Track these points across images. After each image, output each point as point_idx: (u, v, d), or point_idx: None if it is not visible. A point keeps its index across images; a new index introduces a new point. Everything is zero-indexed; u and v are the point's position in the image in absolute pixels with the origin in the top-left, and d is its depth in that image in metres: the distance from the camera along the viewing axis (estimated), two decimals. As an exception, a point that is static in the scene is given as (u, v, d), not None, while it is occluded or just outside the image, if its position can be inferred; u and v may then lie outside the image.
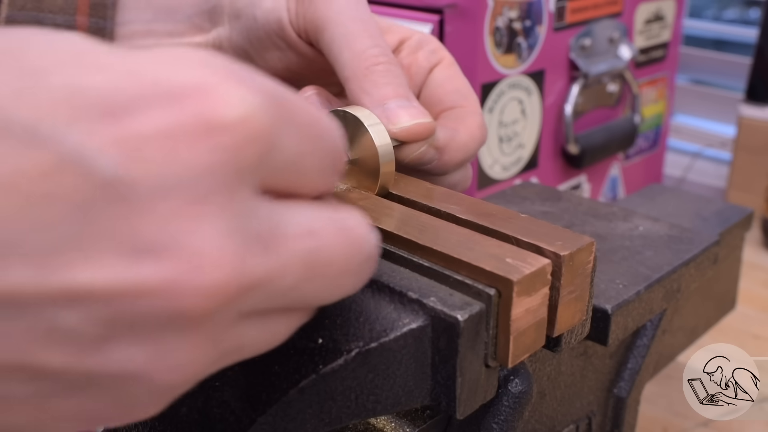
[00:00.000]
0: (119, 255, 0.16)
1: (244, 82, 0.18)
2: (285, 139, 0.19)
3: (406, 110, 0.32)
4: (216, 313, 0.17)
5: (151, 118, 0.17)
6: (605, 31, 0.73)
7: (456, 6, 0.60)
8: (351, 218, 0.21)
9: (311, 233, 0.20)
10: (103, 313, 0.16)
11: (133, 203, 0.16)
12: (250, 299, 0.18)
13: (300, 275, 0.19)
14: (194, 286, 0.17)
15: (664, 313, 0.38)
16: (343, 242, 0.20)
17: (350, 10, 0.34)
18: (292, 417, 0.24)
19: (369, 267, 0.22)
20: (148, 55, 0.18)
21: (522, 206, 0.42)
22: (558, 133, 0.72)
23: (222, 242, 0.17)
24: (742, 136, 0.87)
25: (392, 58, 0.34)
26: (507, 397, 0.29)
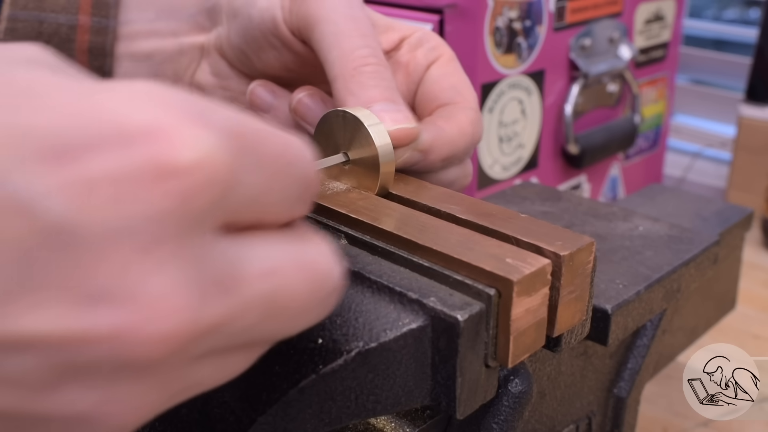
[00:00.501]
0: (67, 302, 0.16)
1: (202, 122, 0.17)
2: (247, 176, 0.18)
3: (390, 114, 0.31)
4: (168, 359, 0.17)
5: (100, 161, 0.16)
6: (605, 31, 0.73)
7: (456, 6, 0.60)
8: (315, 251, 0.21)
9: (271, 272, 0.19)
10: (51, 360, 0.16)
11: (81, 249, 0.16)
12: (204, 343, 0.18)
13: (259, 315, 0.19)
14: (145, 334, 0.16)
15: (664, 313, 0.38)
16: (305, 279, 0.20)
17: (342, 7, 0.34)
18: (292, 417, 0.24)
19: (332, 300, 0.21)
20: (104, 92, 0.17)
21: (522, 206, 0.42)
22: (558, 133, 0.72)
23: (174, 290, 0.16)
24: (742, 136, 0.87)
25: (381, 60, 0.33)
26: (507, 397, 0.29)
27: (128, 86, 0.17)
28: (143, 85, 0.18)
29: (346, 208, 0.29)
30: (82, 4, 0.39)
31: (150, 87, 0.18)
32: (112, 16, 0.40)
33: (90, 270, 0.16)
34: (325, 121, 0.32)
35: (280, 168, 0.20)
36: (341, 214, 0.29)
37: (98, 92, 0.17)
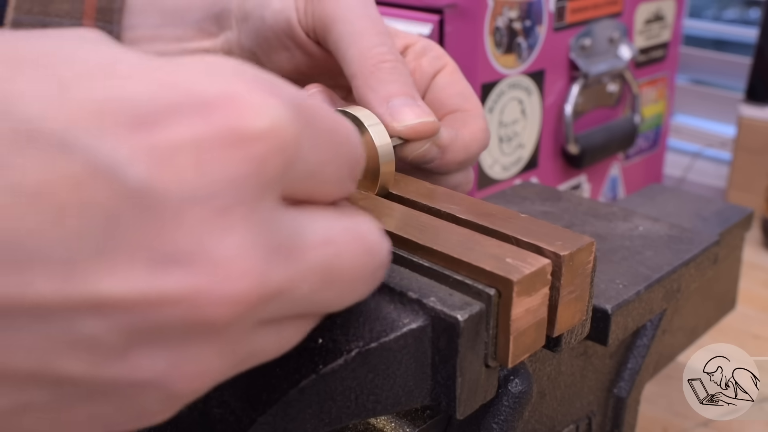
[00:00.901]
0: (144, 265, 0.16)
1: (272, 92, 0.18)
2: (308, 149, 0.19)
3: (411, 108, 0.32)
4: (237, 321, 0.18)
5: (180, 128, 0.17)
6: (605, 31, 0.73)
7: (456, 6, 0.60)
8: (366, 225, 0.22)
9: (329, 242, 0.20)
10: (126, 322, 0.16)
11: (160, 213, 0.16)
12: (269, 308, 0.18)
13: (317, 283, 0.20)
14: (218, 295, 0.17)
15: (664, 313, 0.38)
16: (359, 250, 0.21)
17: (358, 7, 0.34)
18: (292, 417, 0.24)
19: (381, 273, 0.22)
20: (179, 64, 0.18)
21: (522, 206, 0.42)
22: (558, 133, 0.72)
23: (246, 253, 0.17)
24: (742, 136, 0.87)
25: (399, 57, 0.34)
26: (507, 397, 0.29)
27: (200, 59, 0.18)
28: (215, 58, 0.19)
29: (346, 208, 0.29)
30: (86, 9, 0.40)
31: (221, 60, 0.19)
32: (116, 22, 0.40)
33: (167, 232, 0.16)
34: (325, 121, 0.32)
35: (335, 145, 0.21)
36: (341, 214, 0.29)
37: (173, 64, 0.18)
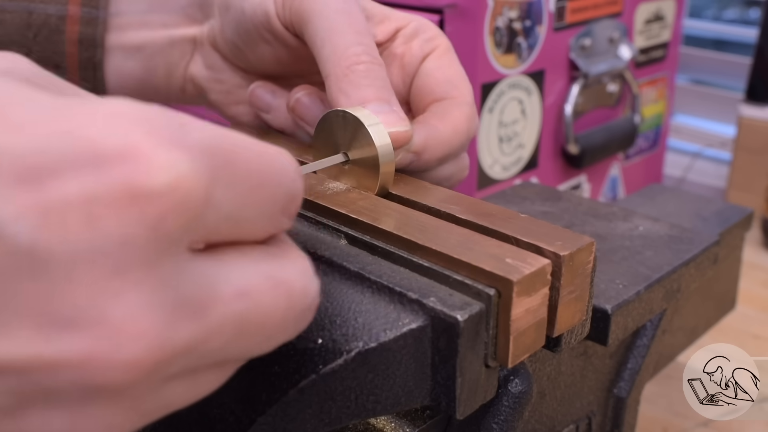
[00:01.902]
0: (34, 327, 0.16)
1: (176, 142, 0.17)
2: (221, 194, 0.18)
3: (383, 116, 0.31)
4: (137, 383, 0.17)
5: (72, 183, 0.16)
6: (605, 31, 0.73)
7: (456, 6, 0.60)
8: (291, 268, 0.20)
9: (245, 293, 0.19)
10: (16, 385, 0.16)
11: (49, 273, 0.15)
12: (174, 365, 0.18)
13: (231, 336, 0.19)
14: (112, 359, 0.16)
15: (664, 313, 0.38)
16: (279, 299, 0.20)
17: (335, 2, 0.33)
18: (292, 417, 0.24)
19: (307, 317, 0.21)
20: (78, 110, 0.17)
21: (522, 206, 0.42)
22: (558, 133, 0.72)
23: (142, 315, 0.16)
24: (742, 136, 0.87)
25: (375, 57, 0.33)
26: (507, 397, 0.29)
27: (103, 105, 0.17)
28: (118, 103, 0.17)
29: (346, 208, 0.29)
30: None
31: (125, 106, 0.17)
32: (102, 7, 0.40)
33: (58, 295, 0.16)
34: (325, 121, 0.32)
35: (256, 184, 0.19)
36: (341, 214, 0.29)
37: (72, 110, 0.17)
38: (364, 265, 0.26)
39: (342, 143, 0.32)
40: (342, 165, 0.32)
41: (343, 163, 0.32)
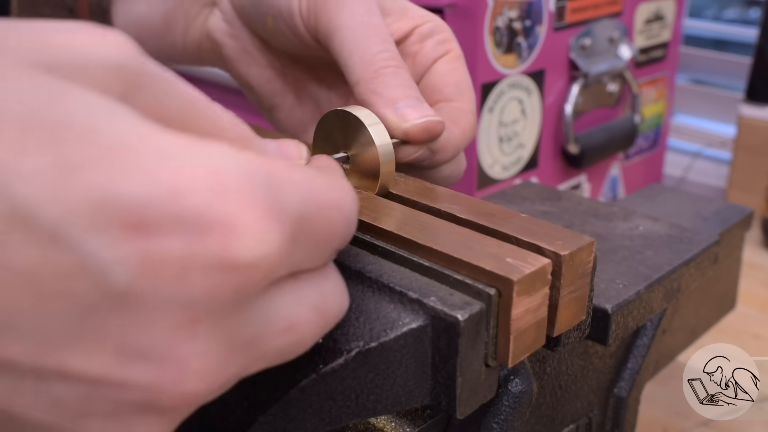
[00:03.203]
0: (112, 353, 0.17)
1: (272, 213, 0.18)
2: (297, 253, 0.20)
3: (416, 109, 0.32)
4: (187, 409, 0.19)
5: (172, 241, 0.17)
6: (605, 31, 0.73)
7: (456, 6, 0.60)
8: (331, 290, 0.22)
9: (291, 327, 0.21)
10: (84, 394, 0.18)
11: (135, 314, 0.17)
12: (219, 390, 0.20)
13: (271, 360, 0.21)
14: (173, 391, 0.18)
15: (664, 313, 0.38)
16: (319, 326, 0.22)
17: (361, 15, 0.35)
18: (292, 416, 0.24)
19: None
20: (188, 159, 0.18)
21: (522, 206, 0.42)
22: (558, 133, 0.72)
23: (205, 356, 0.18)
24: (742, 136, 0.87)
25: (401, 62, 0.34)
26: (507, 397, 0.29)
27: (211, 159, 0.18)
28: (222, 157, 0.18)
29: (346, 208, 0.29)
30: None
31: (228, 162, 0.18)
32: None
33: (137, 332, 0.17)
34: (325, 121, 0.32)
35: (327, 238, 0.21)
36: (341, 213, 0.29)
37: (179, 160, 0.17)
38: (365, 264, 0.26)
39: (342, 143, 0.32)
40: (342, 165, 0.32)
41: (343, 163, 0.32)
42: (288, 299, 0.21)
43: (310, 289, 0.22)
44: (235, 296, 0.18)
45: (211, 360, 0.18)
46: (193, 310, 0.18)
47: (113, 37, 0.19)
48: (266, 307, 0.20)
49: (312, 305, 0.21)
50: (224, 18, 0.41)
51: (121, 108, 0.18)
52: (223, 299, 0.18)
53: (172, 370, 0.18)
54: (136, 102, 0.19)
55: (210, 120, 0.22)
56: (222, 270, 0.17)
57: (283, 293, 0.21)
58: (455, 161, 0.36)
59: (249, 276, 0.18)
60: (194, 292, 0.17)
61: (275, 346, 0.21)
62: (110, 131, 0.17)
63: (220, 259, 0.17)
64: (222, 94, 0.88)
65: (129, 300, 0.17)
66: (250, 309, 0.19)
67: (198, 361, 0.18)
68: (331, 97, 0.42)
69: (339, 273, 0.23)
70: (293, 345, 0.21)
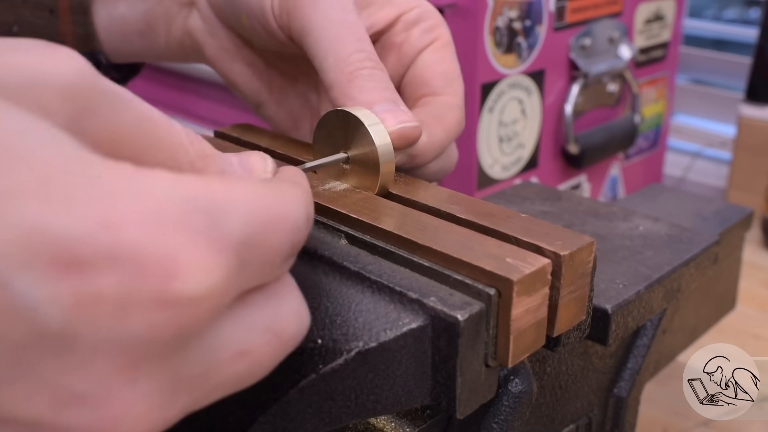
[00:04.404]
0: (48, 397, 0.16)
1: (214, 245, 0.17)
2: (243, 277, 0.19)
3: (393, 114, 0.31)
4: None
5: (110, 279, 0.16)
6: (605, 31, 0.73)
7: (456, 6, 0.60)
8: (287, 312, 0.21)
9: (243, 354, 0.20)
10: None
11: (70, 355, 0.16)
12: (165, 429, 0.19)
13: (226, 391, 0.20)
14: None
15: (664, 313, 0.38)
16: (275, 350, 0.20)
17: (335, 13, 0.33)
18: (292, 417, 0.24)
19: None
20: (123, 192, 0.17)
21: (522, 206, 0.42)
22: (558, 133, 0.72)
23: (146, 400, 0.17)
24: (742, 136, 0.87)
25: (377, 63, 0.33)
26: (507, 397, 0.29)
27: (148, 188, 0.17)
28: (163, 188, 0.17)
29: (346, 208, 0.29)
30: None
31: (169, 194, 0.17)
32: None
33: (73, 375, 0.16)
34: (325, 121, 0.32)
35: (275, 252, 0.20)
36: (341, 213, 0.29)
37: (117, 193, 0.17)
38: (365, 264, 0.26)
39: (342, 143, 0.32)
40: (342, 165, 0.32)
41: (344, 163, 0.32)
42: (237, 325, 0.20)
43: (262, 310, 0.20)
44: (177, 334, 0.17)
45: (153, 402, 0.17)
46: (132, 352, 0.17)
47: (65, 56, 0.19)
48: (214, 336, 0.19)
49: (265, 327, 0.20)
50: (202, 17, 0.41)
51: (60, 134, 0.17)
52: (166, 338, 0.17)
53: (111, 416, 0.17)
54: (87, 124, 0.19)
55: (167, 139, 0.21)
56: (163, 307, 0.16)
57: (231, 319, 0.19)
58: (444, 156, 0.35)
59: (193, 312, 0.17)
60: (133, 332, 0.16)
61: (229, 375, 0.19)
62: (45, 160, 0.16)
63: (160, 296, 0.16)
64: (221, 93, 0.88)
65: (63, 341, 0.16)
66: (195, 342, 0.18)
67: (139, 405, 0.17)
68: (318, 91, 0.42)
69: (296, 288, 0.22)
70: (249, 371, 0.20)
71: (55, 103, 0.18)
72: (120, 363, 0.17)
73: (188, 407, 0.19)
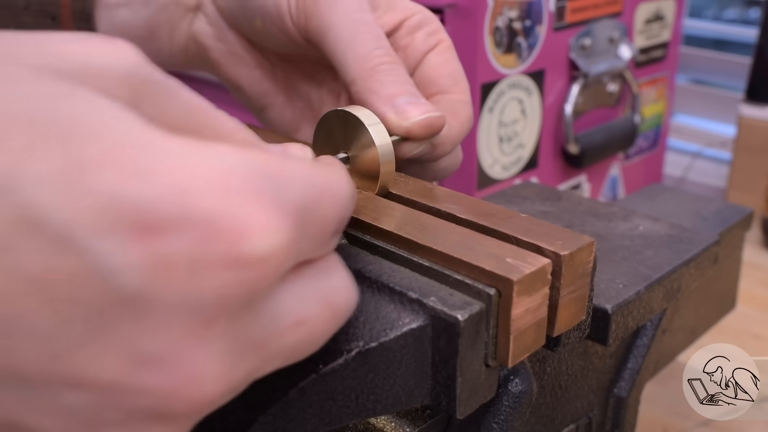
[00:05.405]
0: (125, 358, 0.17)
1: (278, 208, 0.18)
2: (301, 245, 0.20)
3: (416, 105, 0.32)
4: (199, 414, 0.19)
5: (181, 241, 0.17)
6: (605, 31, 0.73)
7: (456, 6, 0.60)
8: (339, 283, 0.22)
9: (301, 323, 0.21)
10: (98, 401, 0.18)
11: (147, 317, 0.17)
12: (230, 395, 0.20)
13: (284, 359, 0.21)
14: (186, 396, 0.18)
15: (664, 312, 0.38)
16: (329, 319, 0.22)
17: (353, 13, 0.34)
18: (292, 417, 0.24)
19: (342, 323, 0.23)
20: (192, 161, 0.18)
21: (522, 206, 0.42)
22: (558, 133, 0.72)
23: (218, 363, 0.18)
24: (742, 136, 0.87)
25: (395, 58, 0.34)
26: (507, 397, 0.29)
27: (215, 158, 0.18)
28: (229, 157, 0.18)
29: (346, 208, 0.29)
30: None
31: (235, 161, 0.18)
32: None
33: (150, 336, 0.17)
34: (325, 121, 0.32)
35: (327, 224, 0.21)
36: (341, 213, 0.29)
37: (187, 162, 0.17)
38: (365, 264, 0.26)
39: (342, 143, 0.32)
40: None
41: (344, 163, 0.32)
42: (296, 294, 0.21)
43: (316, 282, 0.21)
44: (247, 294, 0.18)
45: (224, 363, 0.18)
46: (205, 313, 0.17)
47: (121, 45, 0.19)
48: (274, 303, 0.20)
49: (320, 298, 0.21)
50: (209, 21, 0.41)
51: (127, 111, 0.18)
52: (236, 298, 0.18)
53: (185, 376, 0.18)
54: (143, 110, 0.19)
55: (215, 126, 0.22)
56: (233, 268, 0.17)
57: (289, 289, 0.20)
58: (453, 153, 0.36)
59: (261, 271, 0.18)
60: (206, 293, 0.17)
61: (287, 343, 0.20)
62: (117, 133, 0.17)
63: (230, 257, 0.17)
64: (221, 93, 0.88)
65: (140, 304, 0.17)
66: (259, 307, 0.19)
67: (211, 365, 0.18)
68: (322, 94, 0.42)
69: (344, 266, 0.23)
70: (305, 341, 0.21)
71: (115, 89, 0.19)
72: (193, 324, 0.17)
73: (251, 374, 0.20)
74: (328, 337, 0.22)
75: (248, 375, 0.20)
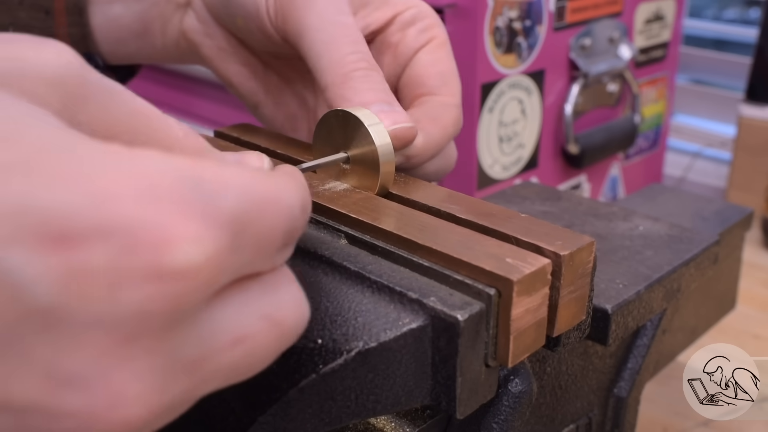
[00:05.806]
0: (41, 377, 0.16)
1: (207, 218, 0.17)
2: (237, 258, 0.18)
3: (388, 115, 0.31)
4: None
5: (100, 252, 0.16)
6: (605, 31, 0.73)
7: (456, 6, 0.60)
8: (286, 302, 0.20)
9: (240, 340, 0.19)
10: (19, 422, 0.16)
11: (62, 334, 0.16)
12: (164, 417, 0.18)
13: (222, 380, 0.19)
14: (110, 418, 0.17)
15: (664, 312, 0.38)
16: (273, 339, 0.20)
17: (331, 15, 0.33)
18: (292, 417, 0.24)
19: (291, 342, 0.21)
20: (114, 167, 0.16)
21: (522, 206, 0.42)
22: (558, 133, 0.72)
23: (143, 380, 0.17)
24: (742, 136, 0.87)
25: (372, 64, 0.33)
26: (507, 397, 0.29)
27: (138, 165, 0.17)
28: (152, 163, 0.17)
29: (346, 208, 0.29)
30: None
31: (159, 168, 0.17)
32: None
33: (66, 354, 0.16)
34: (325, 121, 0.32)
35: (267, 236, 0.19)
36: (341, 213, 0.29)
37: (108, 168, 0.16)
38: (365, 264, 0.26)
39: (342, 143, 0.32)
40: (342, 165, 0.32)
41: (344, 163, 0.32)
42: (234, 309, 0.19)
43: (260, 296, 0.20)
44: (171, 309, 0.17)
45: (150, 383, 0.17)
46: (126, 328, 0.16)
47: (53, 47, 0.19)
48: (210, 320, 0.18)
49: (263, 315, 0.20)
50: (198, 17, 0.41)
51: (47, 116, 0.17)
52: (159, 314, 0.16)
53: (107, 396, 0.16)
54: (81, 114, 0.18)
55: (161, 131, 0.21)
56: (155, 280, 0.16)
57: (228, 303, 0.19)
58: (442, 156, 0.35)
59: (187, 285, 0.17)
60: (126, 307, 0.16)
61: (226, 362, 0.19)
62: (32, 138, 0.16)
63: (152, 269, 0.16)
64: (221, 93, 0.88)
65: (54, 319, 0.16)
66: (191, 324, 0.18)
67: (135, 385, 0.17)
68: (315, 92, 0.41)
69: (295, 281, 0.21)
70: (247, 360, 0.19)
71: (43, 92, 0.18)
72: (114, 340, 0.16)
73: (187, 394, 0.18)
74: (275, 355, 0.20)
75: (184, 395, 0.18)
